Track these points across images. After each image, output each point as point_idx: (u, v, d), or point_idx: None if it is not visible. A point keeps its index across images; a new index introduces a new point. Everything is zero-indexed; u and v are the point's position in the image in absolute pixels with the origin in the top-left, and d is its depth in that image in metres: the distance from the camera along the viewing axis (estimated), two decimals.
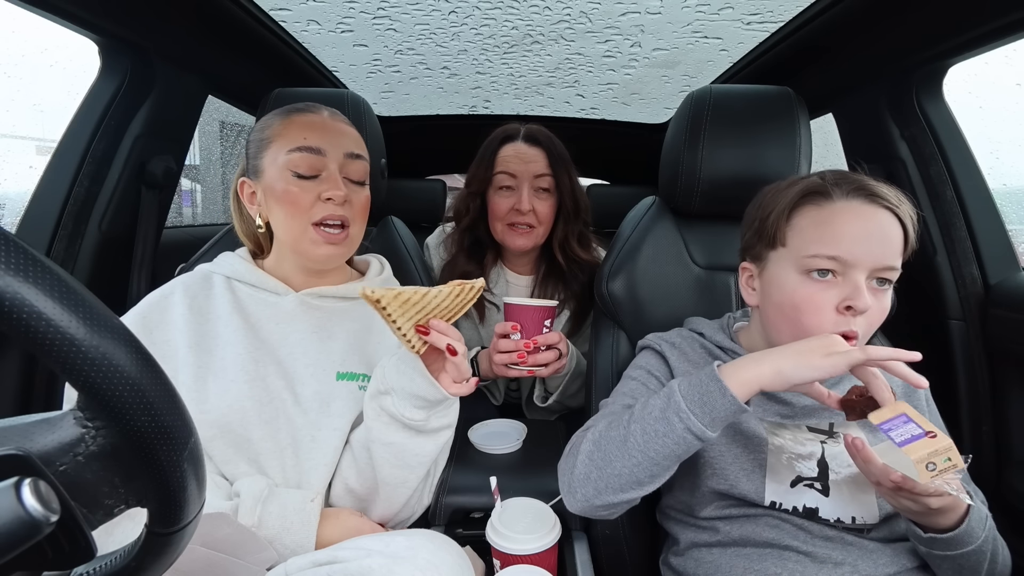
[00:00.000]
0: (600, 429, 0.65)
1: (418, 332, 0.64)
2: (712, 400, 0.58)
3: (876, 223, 0.63)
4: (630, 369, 0.80)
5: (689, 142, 0.92)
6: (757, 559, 0.66)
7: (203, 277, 0.80)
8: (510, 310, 0.97)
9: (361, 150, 0.80)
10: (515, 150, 1.13)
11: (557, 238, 1.17)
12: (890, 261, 0.62)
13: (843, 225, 0.63)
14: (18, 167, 1.50)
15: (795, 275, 0.65)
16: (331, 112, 0.80)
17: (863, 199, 0.64)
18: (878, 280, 0.63)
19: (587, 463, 0.64)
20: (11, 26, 1.03)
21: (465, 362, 0.66)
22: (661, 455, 0.59)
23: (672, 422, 0.58)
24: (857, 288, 0.61)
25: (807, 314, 0.64)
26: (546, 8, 1.12)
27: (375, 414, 0.69)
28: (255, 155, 0.77)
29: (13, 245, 0.26)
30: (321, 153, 0.74)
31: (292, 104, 0.80)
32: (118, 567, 0.34)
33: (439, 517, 0.82)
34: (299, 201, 0.73)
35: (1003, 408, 0.99)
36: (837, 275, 0.63)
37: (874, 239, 0.62)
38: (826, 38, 1.09)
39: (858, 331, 0.62)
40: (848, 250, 0.62)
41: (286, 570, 0.62)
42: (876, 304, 0.63)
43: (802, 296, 0.64)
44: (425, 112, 1.91)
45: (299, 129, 0.75)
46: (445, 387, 0.67)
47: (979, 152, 1.06)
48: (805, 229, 0.65)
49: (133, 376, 0.29)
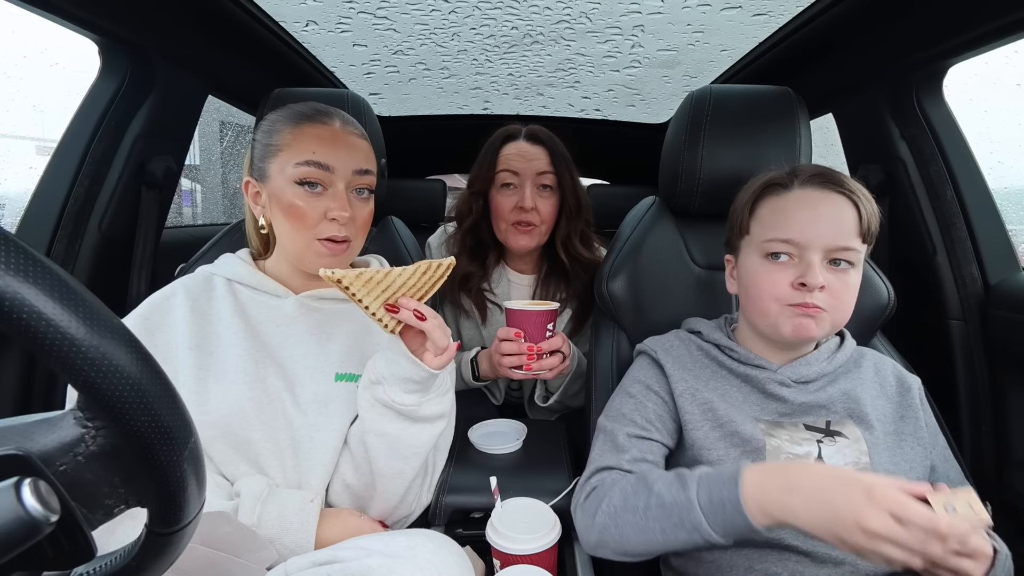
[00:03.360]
0: (615, 503, 0.66)
1: (388, 311, 0.65)
2: (731, 521, 0.58)
3: (828, 207, 0.68)
4: (628, 382, 0.80)
5: (689, 142, 0.92)
6: (757, 558, 0.66)
7: (204, 279, 0.80)
8: (512, 316, 0.97)
9: (371, 164, 0.79)
10: (517, 148, 1.14)
11: (560, 236, 1.17)
12: (843, 242, 0.67)
13: (796, 211, 0.69)
14: (18, 167, 1.50)
15: (757, 259, 0.72)
16: (343, 123, 0.78)
17: (816, 186, 0.69)
18: (834, 261, 0.68)
19: (603, 533, 0.66)
20: (11, 26, 1.03)
21: (439, 331, 0.66)
22: (679, 544, 0.62)
23: (691, 531, 0.60)
24: (810, 266, 0.66)
25: (764, 289, 0.70)
26: (546, 8, 1.12)
27: (369, 404, 0.70)
28: (261, 158, 0.76)
29: (13, 245, 0.26)
30: (329, 170, 0.73)
31: (303, 107, 0.77)
32: (118, 567, 0.34)
33: (439, 517, 0.82)
34: (305, 217, 0.73)
35: (1003, 408, 0.99)
36: (793, 257, 0.69)
37: (824, 222, 0.67)
38: (826, 38, 1.09)
39: (819, 304, 0.66)
40: (800, 233, 0.67)
41: (286, 570, 0.62)
42: (838, 282, 0.67)
43: (762, 275, 0.71)
44: (425, 112, 1.91)
45: (309, 142, 0.73)
46: (427, 364, 0.67)
47: (979, 152, 1.06)
48: (764, 217, 0.72)
49: (133, 376, 0.29)
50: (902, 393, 0.74)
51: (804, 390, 0.73)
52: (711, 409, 0.72)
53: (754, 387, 0.74)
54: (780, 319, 0.70)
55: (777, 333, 0.71)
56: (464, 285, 1.19)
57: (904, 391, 0.74)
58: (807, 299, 0.67)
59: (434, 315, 0.66)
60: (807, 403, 0.72)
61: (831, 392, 0.72)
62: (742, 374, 0.75)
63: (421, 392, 0.69)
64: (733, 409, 0.72)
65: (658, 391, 0.76)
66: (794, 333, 0.69)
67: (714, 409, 0.72)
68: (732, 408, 0.72)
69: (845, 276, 0.68)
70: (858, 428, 0.70)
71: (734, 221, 0.77)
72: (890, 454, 0.69)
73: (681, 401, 0.74)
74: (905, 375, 0.76)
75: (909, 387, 0.75)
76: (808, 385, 0.73)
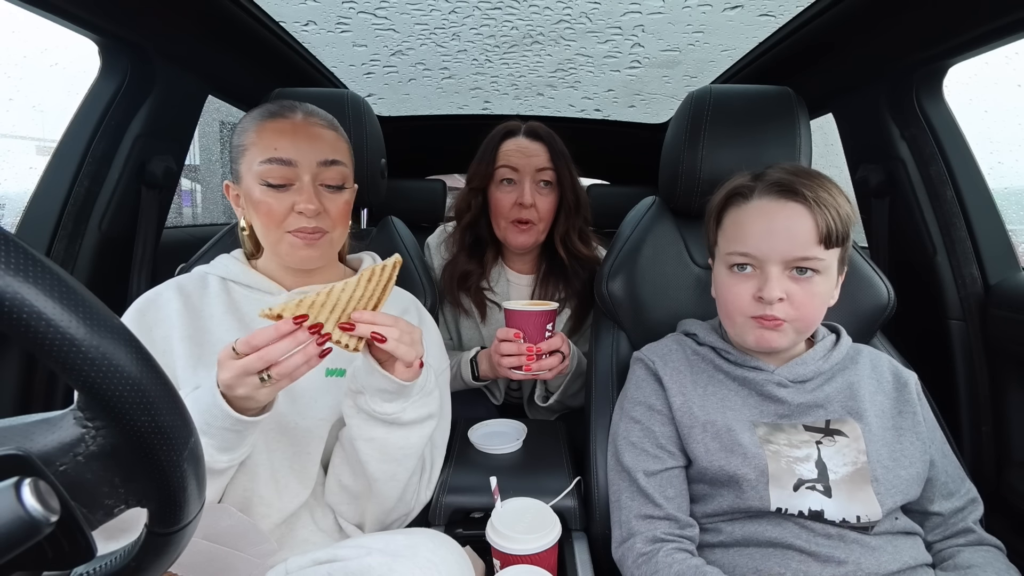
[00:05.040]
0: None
1: (344, 331, 0.59)
2: None
3: (783, 219, 0.68)
4: (630, 404, 0.79)
5: (689, 142, 0.92)
6: (760, 558, 0.66)
7: (199, 278, 0.81)
8: (511, 316, 0.97)
9: (338, 155, 0.77)
10: (517, 145, 1.14)
11: (559, 233, 1.17)
12: (800, 252, 0.67)
13: (751, 224, 0.70)
14: (18, 167, 1.50)
15: (724, 270, 0.74)
16: (306, 114, 0.76)
17: (774, 195, 0.70)
18: (798, 269, 0.68)
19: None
20: (11, 26, 1.03)
21: (403, 347, 0.61)
22: None
23: None
24: (767, 279, 0.68)
25: (729, 301, 0.72)
26: (546, 8, 1.12)
27: (353, 412, 0.69)
28: (235, 159, 0.76)
29: (13, 245, 0.26)
30: (292, 164, 0.73)
31: (272, 104, 0.77)
32: (118, 567, 0.34)
33: (439, 517, 0.82)
34: (273, 212, 0.73)
35: (1003, 408, 0.99)
36: (755, 268, 0.70)
37: (780, 234, 0.68)
38: (826, 38, 1.09)
39: (779, 315, 0.68)
40: (756, 247, 0.69)
41: (286, 568, 0.62)
42: (800, 291, 0.68)
43: (727, 287, 0.73)
44: (425, 112, 1.91)
45: (270, 137, 0.73)
46: (399, 376, 0.64)
47: (979, 152, 1.06)
48: (728, 230, 0.74)
49: (133, 376, 0.29)
50: (899, 388, 0.74)
51: (801, 390, 0.73)
52: (710, 421, 0.72)
53: (752, 390, 0.74)
54: (744, 330, 0.71)
55: (744, 342, 0.73)
56: (463, 284, 1.19)
57: (901, 386, 0.74)
58: (766, 311, 0.68)
59: (397, 331, 0.61)
60: (805, 403, 0.72)
61: (828, 391, 0.73)
62: (739, 377, 0.75)
63: (401, 399, 0.67)
64: (732, 416, 0.72)
65: (660, 409, 0.76)
66: (757, 343, 0.71)
67: (713, 421, 0.72)
68: (731, 415, 0.72)
69: (809, 284, 0.68)
70: (858, 425, 0.70)
71: (706, 232, 0.80)
72: (889, 450, 0.69)
73: (679, 415, 0.74)
74: (901, 370, 0.77)
75: (906, 382, 0.75)
76: (805, 384, 0.73)
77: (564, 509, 0.81)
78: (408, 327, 0.63)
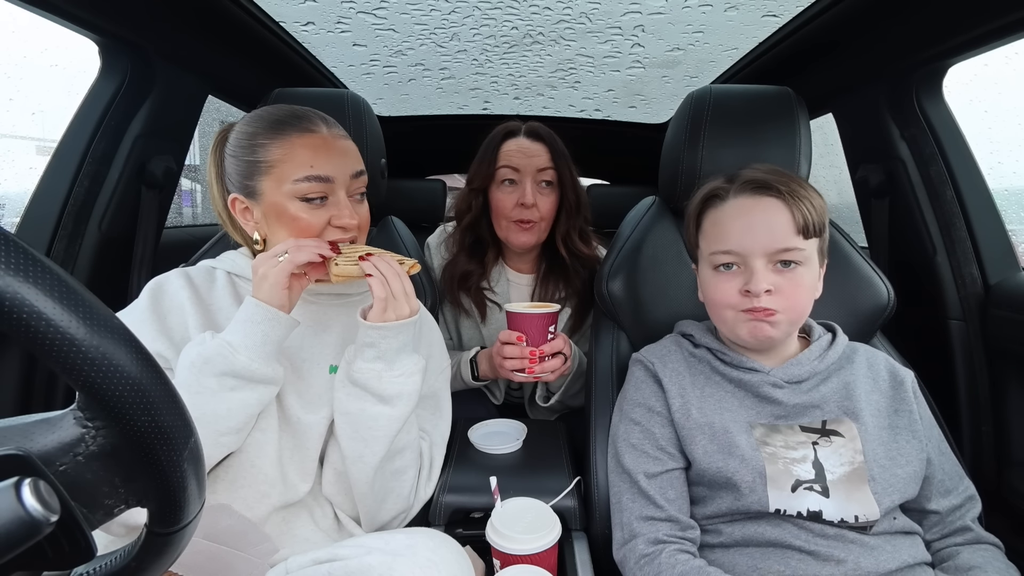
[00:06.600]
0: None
1: (361, 260, 0.70)
2: None
3: (760, 213, 0.70)
4: (629, 405, 0.79)
5: (689, 142, 0.92)
6: (760, 558, 0.66)
7: (206, 271, 0.81)
8: (513, 319, 0.97)
9: (362, 164, 0.79)
10: (518, 145, 1.14)
11: (560, 232, 1.17)
12: (781, 244, 0.69)
13: (732, 221, 0.72)
14: (18, 167, 1.50)
15: (709, 270, 0.75)
16: (329, 127, 0.76)
17: (749, 193, 0.72)
18: (782, 263, 0.70)
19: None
20: (11, 26, 1.03)
21: (378, 284, 0.69)
22: None
23: None
24: (753, 273, 0.69)
25: (717, 299, 0.73)
26: (546, 8, 1.12)
27: (340, 384, 0.72)
28: (247, 175, 0.74)
29: (13, 245, 0.26)
30: (330, 181, 0.73)
31: (278, 114, 0.75)
32: (118, 567, 0.34)
33: (439, 517, 0.82)
34: (311, 228, 0.73)
35: (1003, 408, 0.99)
36: (739, 266, 0.71)
37: (759, 228, 0.70)
38: (826, 38, 1.09)
39: (769, 307, 0.69)
40: (738, 243, 0.70)
41: (287, 568, 0.62)
42: (786, 282, 0.69)
43: (714, 286, 0.74)
44: (425, 112, 1.91)
45: (304, 155, 0.72)
46: (369, 318, 0.70)
47: (979, 152, 1.06)
48: (708, 231, 0.75)
49: (133, 376, 0.29)
50: (895, 387, 0.74)
51: (797, 390, 0.73)
52: (708, 424, 0.72)
53: (748, 391, 0.74)
54: (737, 324, 0.72)
55: (737, 338, 0.73)
56: (463, 284, 1.19)
57: (897, 385, 0.74)
58: (755, 304, 0.69)
59: (394, 272, 0.70)
60: (801, 404, 0.72)
61: (824, 391, 0.73)
62: (735, 379, 0.75)
63: (383, 362, 0.70)
64: (729, 418, 0.72)
65: (660, 411, 0.76)
66: (751, 336, 0.71)
67: (711, 423, 0.72)
68: (728, 417, 0.72)
69: (793, 275, 0.70)
70: (854, 425, 0.70)
71: (687, 236, 0.81)
72: (885, 448, 0.69)
73: (678, 417, 0.74)
74: (898, 368, 0.77)
75: (902, 380, 0.75)
76: (801, 385, 0.73)
77: (564, 509, 0.81)
78: (403, 284, 0.71)
